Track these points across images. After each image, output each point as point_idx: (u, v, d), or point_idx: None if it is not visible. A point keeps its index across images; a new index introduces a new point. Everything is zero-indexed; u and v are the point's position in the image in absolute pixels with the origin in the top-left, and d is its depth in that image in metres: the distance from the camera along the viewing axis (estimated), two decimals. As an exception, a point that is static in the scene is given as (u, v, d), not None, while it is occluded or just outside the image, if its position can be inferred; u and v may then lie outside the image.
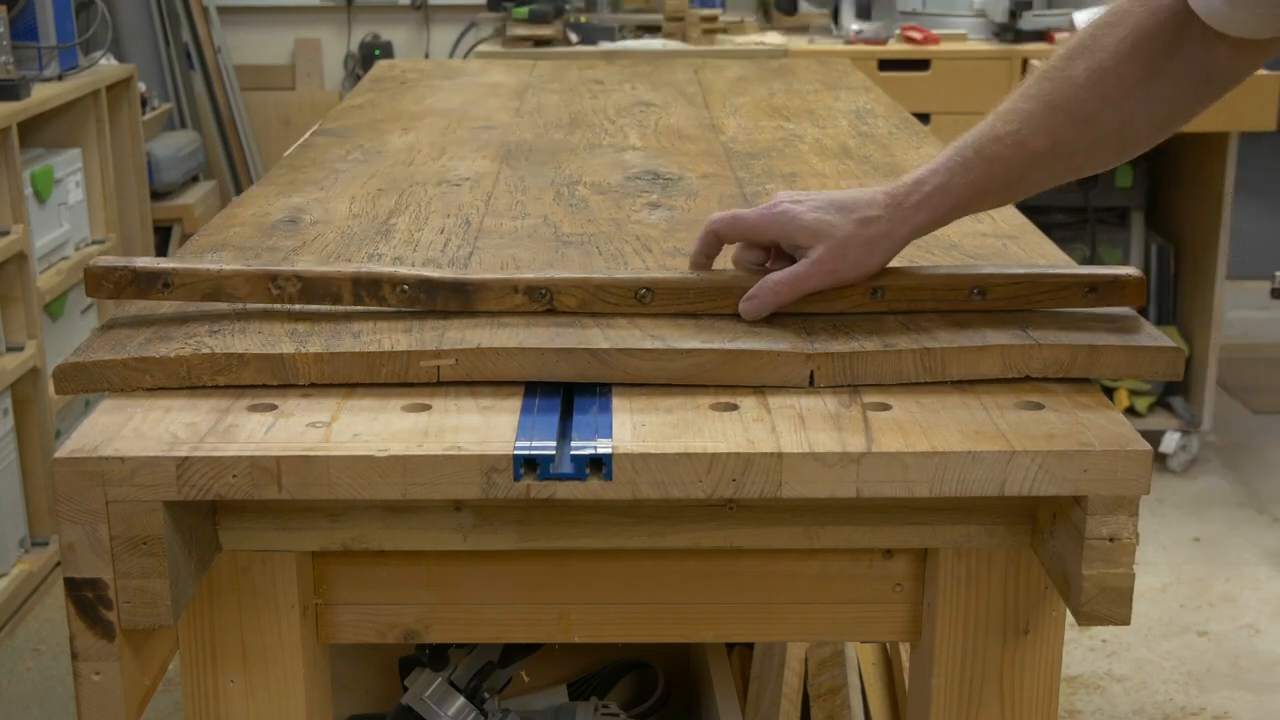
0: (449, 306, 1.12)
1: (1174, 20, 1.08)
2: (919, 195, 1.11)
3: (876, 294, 1.12)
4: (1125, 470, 0.95)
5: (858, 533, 1.05)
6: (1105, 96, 1.10)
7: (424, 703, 1.52)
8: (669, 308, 1.12)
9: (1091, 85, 1.10)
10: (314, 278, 1.12)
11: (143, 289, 1.12)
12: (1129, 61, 1.09)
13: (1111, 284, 1.15)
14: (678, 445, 0.95)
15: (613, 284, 1.12)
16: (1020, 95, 1.12)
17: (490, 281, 1.12)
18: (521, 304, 1.12)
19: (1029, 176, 1.13)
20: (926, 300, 1.13)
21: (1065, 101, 1.10)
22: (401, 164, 1.70)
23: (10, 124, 2.81)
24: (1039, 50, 3.62)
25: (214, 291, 1.12)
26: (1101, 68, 1.09)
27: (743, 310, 1.12)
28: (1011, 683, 1.08)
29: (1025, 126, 1.10)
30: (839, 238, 1.10)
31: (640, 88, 2.30)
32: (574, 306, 1.12)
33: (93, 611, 0.95)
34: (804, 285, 1.11)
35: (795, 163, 1.71)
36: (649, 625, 1.10)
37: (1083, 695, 2.58)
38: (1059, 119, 1.10)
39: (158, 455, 0.93)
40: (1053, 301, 1.14)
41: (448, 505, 1.03)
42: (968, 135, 1.12)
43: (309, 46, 4.70)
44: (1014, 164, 1.11)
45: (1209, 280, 3.46)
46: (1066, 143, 1.11)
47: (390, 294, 1.12)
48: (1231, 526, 3.23)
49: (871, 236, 1.10)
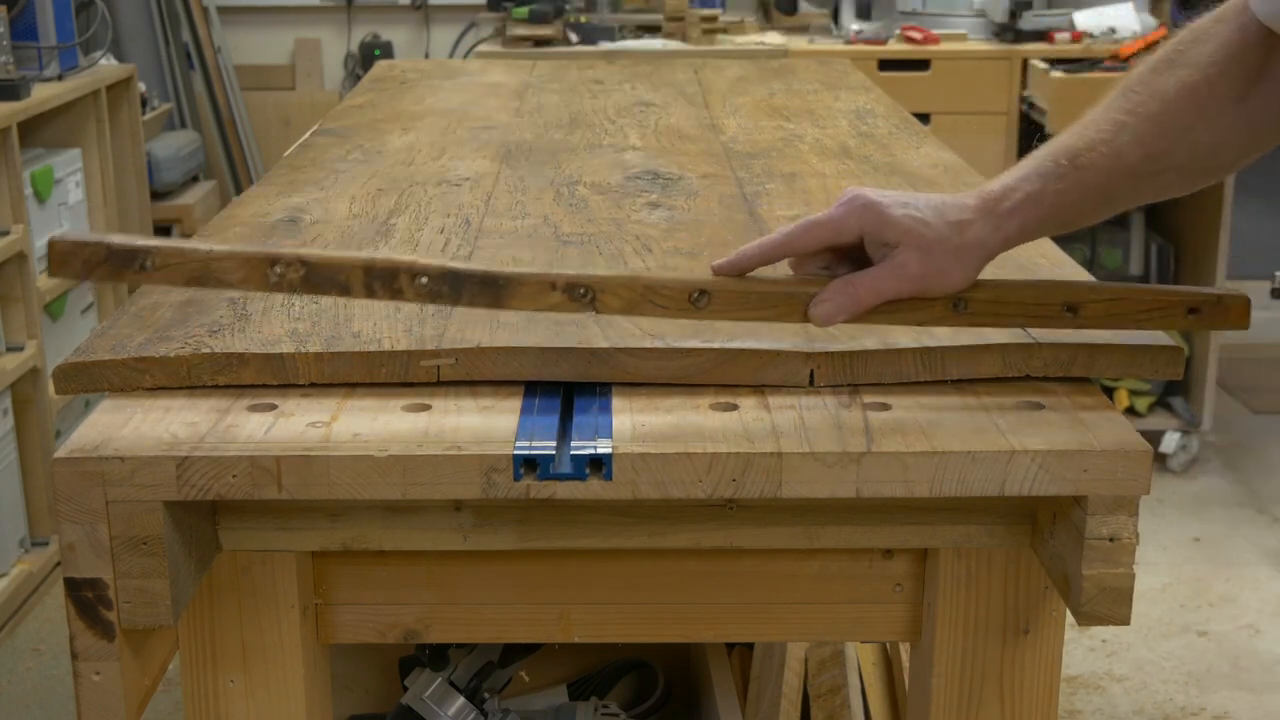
0: (475, 303, 1.00)
1: (1264, 39, 1.03)
2: (1011, 202, 1.03)
3: (959, 306, 1.03)
4: (1125, 470, 0.95)
5: (858, 533, 1.05)
6: (1200, 110, 1.04)
7: (424, 703, 1.52)
8: (727, 314, 1.02)
9: (1183, 98, 1.04)
10: (320, 263, 0.99)
11: (117, 268, 0.97)
12: (1220, 79, 1.04)
13: (1215, 305, 1.07)
14: (678, 445, 0.95)
15: (664, 284, 1.02)
16: (1107, 106, 1.06)
17: (524, 276, 1.01)
18: (560, 302, 1.01)
19: (1118, 190, 1.05)
20: (1015, 315, 1.04)
21: (1158, 113, 1.04)
22: (401, 164, 1.70)
23: (10, 124, 2.81)
24: (1039, 50, 3.62)
25: (202, 275, 0.98)
26: (1192, 81, 1.04)
27: (814, 315, 1.02)
28: (1011, 683, 1.08)
29: (1119, 136, 1.03)
30: (930, 239, 1.01)
31: (640, 88, 2.30)
32: (619, 309, 1.01)
33: (93, 611, 0.95)
34: (887, 291, 1.02)
35: (795, 162, 1.71)
36: (649, 625, 1.10)
37: (1083, 695, 2.58)
38: (1152, 129, 1.03)
39: (158, 455, 0.93)
40: (1150, 322, 1.06)
41: (448, 505, 1.03)
42: (1055, 143, 1.05)
43: (309, 46, 4.70)
44: (1107, 175, 1.03)
45: (1209, 280, 3.46)
46: (1159, 156, 1.04)
47: (408, 286, 0.99)
48: (1231, 526, 3.23)
49: (964, 244, 1.02)
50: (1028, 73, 3.60)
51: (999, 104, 3.62)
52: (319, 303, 1.17)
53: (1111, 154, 1.03)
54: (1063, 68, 3.44)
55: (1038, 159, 1.04)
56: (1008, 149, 3.61)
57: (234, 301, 1.17)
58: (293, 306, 1.16)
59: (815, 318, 1.02)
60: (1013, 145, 3.61)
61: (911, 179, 1.62)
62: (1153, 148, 1.04)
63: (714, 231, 1.40)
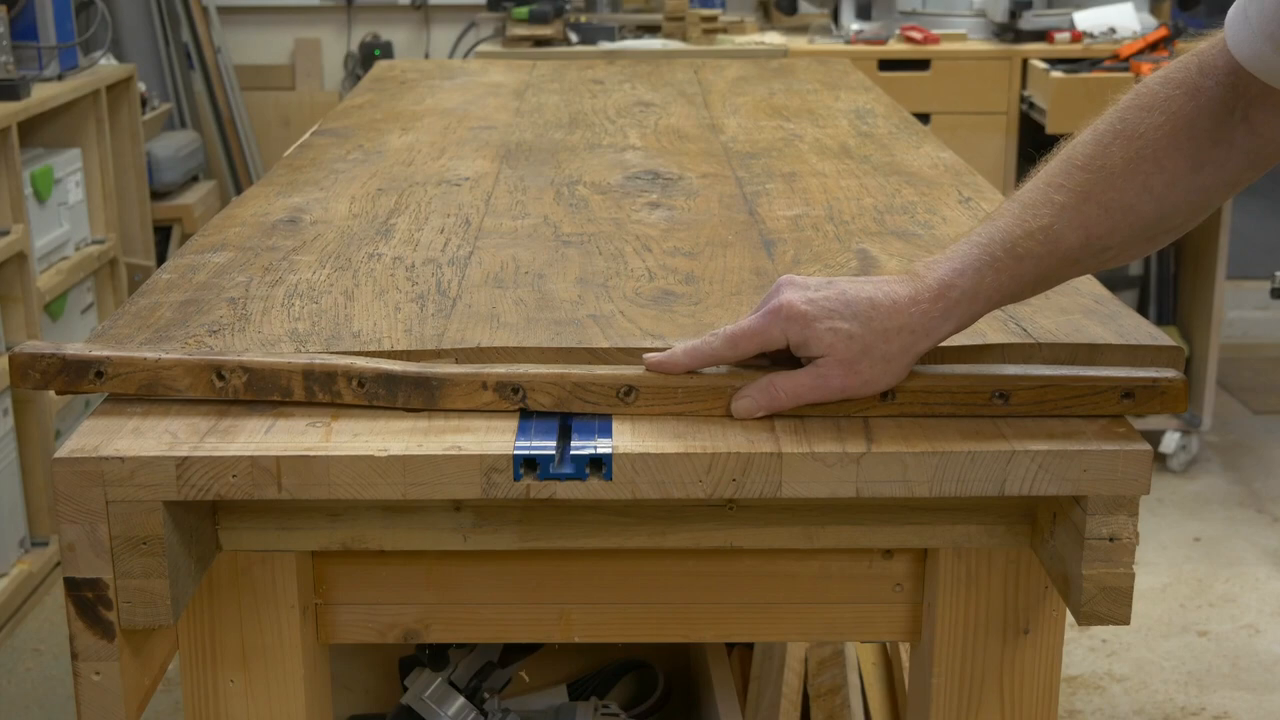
0: (411, 403, 1.02)
1: (1218, 106, 0.99)
2: (946, 303, 0.99)
3: (888, 397, 1.01)
4: (1125, 470, 0.95)
5: (858, 533, 1.05)
6: (1146, 187, 0.99)
7: (424, 703, 1.52)
8: (654, 408, 1.01)
9: (1130, 175, 0.99)
10: (261, 369, 1.02)
11: (72, 380, 1.02)
12: (1171, 153, 0.99)
13: (1150, 389, 1.03)
14: (678, 445, 0.95)
15: (593, 380, 1.02)
16: (1047, 185, 1.01)
17: (456, 376, 1.02)
18: (491, 401, 1.02)
19: (1057, 274, 1.02)
20: (944, 404, 1.02)
21: (1100, 193, 0.99)
22: (401, 164, 1.70)
23: (10, 124, 2.81)
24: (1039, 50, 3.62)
25: (151, 384, 1.02)
26: (1140, 157, 0.99)
27: (735, 409, 1.00)
28: (1011, 683, 1.08)
29: (1058, 221, 0.99)
30: (854, 354, 0.98)
31: (640, 88, 2.30)
32: (549, 405, 1.01)
33: (93, 611, 0.95)
34: (806, 398, 1.00)
35: (795, 162, 1.71)
36: (649, 625, 1.10)
37: (1083, 695, 2.58)
38: (1096, 213, 0.99)
39: (158, 455, 0.93)
40: (1081, 408, 1.02)
41: (448, 505, 1.03)
42: (993, 227, 1.01)
43: (309, 46, 4.70)
44: (1045, 262, 1.00)
45: (1209, 280, 3.46)
46: (1100, 238, 1.00)
47: (346, 389, 1.02)
48: (1231, 526, 3.23)
49: (890, 352, 0.99)
50: (1028, 73, 3.60)
51: (999, 104, 3.62)
52: (319, 303, 1.17)
53: (1049, 241, 0.99)
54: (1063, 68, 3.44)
55: (975, 247, 1.00)
56: (1007, 149, 3.61)
57: (234, 301, 1.17)
58: (293, 306, 1.16)
59: (735, 410, 1.01)
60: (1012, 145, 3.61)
61: (911, 179, 1.62)
62: (1095, 230, 1.00)
63: (714, 231, 1.40)
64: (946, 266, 1.00)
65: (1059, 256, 1.00)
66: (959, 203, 1.50)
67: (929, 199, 1.51)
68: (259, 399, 1.02)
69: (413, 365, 1.03)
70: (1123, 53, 3.48)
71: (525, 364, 1.05)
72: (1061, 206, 1.00)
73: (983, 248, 1.00)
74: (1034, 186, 1.02)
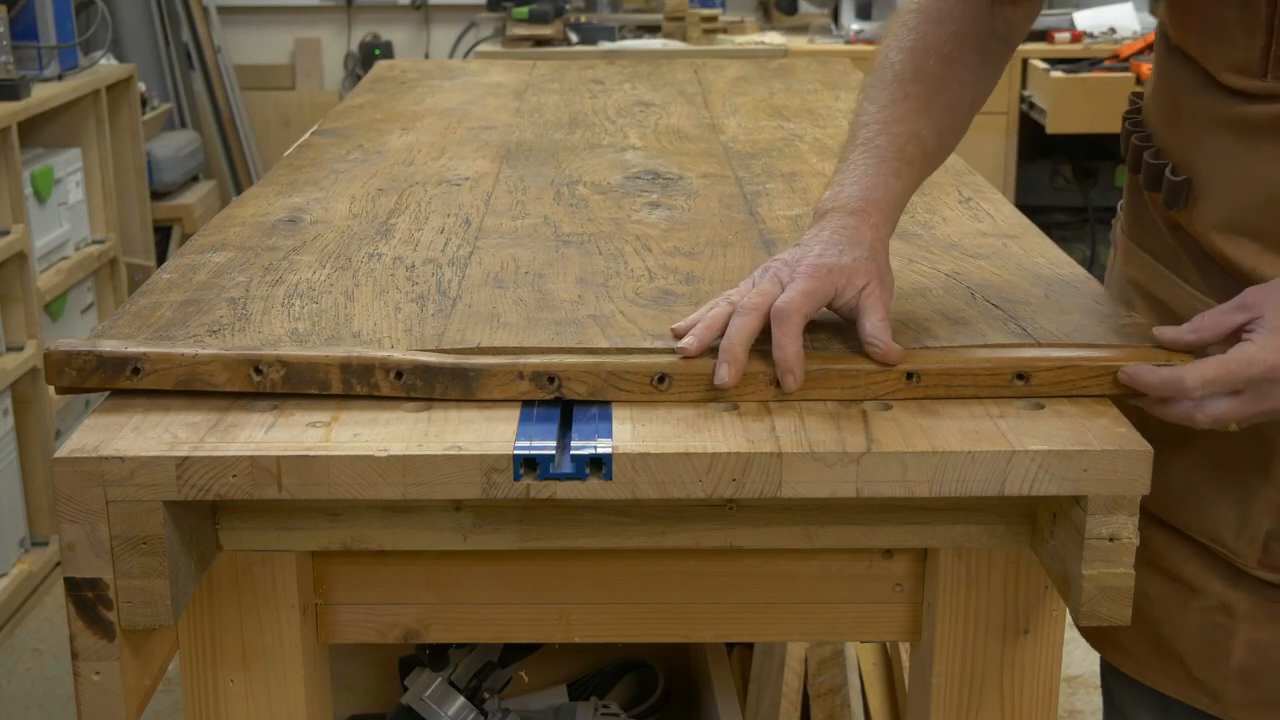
0: (448, 394, 1.03)
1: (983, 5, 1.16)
2: (879, 215, 1.09)
3: (912, 379, 1.03)
4: (1125, 470, 0.95)
5: (857, 532, 1.05)
6: (962, 84, 1.16)
7: (424, 703, 1.52)
8: (689, 395, 1.03)
9: (948, 78, 1.15)
10: (299, 363, 1.03)
11: (109, 377, 1.02)
12: (968, 52, 1.16)
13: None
14: (678, 445, 0.95)
15: (627, 369, 1.03)
16: (891, 100, 1.14)
17: (493, 367, 1.03)
18: (527, 391, 1.03)
19: (925, 175, 1.15)
20: (966, 386, 1.04)
21: (937, 95, 1.14)
22: (401, 164, 1.70)
23: (10, 124, 2.81)
24: (1039, 50, 3.62)
25: (188, 379, 1.02)
26: (949, 60, 1.15)
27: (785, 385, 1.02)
28: (1011, 683, 1.08)
29: (922, 126, 1.13)
30: (881, 267, 1.07)
31: (640, 88, 2.30)
32: (584, 394, 1.03)
33: (93, 611, 0.95)
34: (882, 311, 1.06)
35: (795, 162, 1.71)
36: (649, 625, 1.10)
37: (1083, 695, 2.58)
38: (938, 114, 1.14)
39: (158, 455, 0.93)
40: (1101, 387, 1.04)
41: (448, 505, 1.03)
42: (877, 141, 1.12)
43: (309, 46, 4.70)
44: (923, 164, 1.14)
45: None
46: (945, 134, 1.15)
47: (384, 381, 1.03)
48: (1231, 526, 3.22)
49: (882, 266, 1.07)
50: (1027, 72, 3.60)
51: (999, 104, 3.62)
52: (319, 302, 1.17)
53: (920, 144, 1.13)
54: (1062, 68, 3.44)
55: (873, 161, 1.11)
56: (1007, 149, 3.61)
57: (234, 301, 1.17)
58: (293, 306, 1.16)
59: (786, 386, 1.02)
60: (1012, 145, 3.61)
61: (911, 179, 1.62)
62: (942, 127, 1.15)
63: (714, 231, 1.40)
64: (854, 183, 1.10)
65: (927, 157, 1.14)
66: (959, 203, 1.50)
67: (929, 199, 1.50)
68: (295, 392, 1.03)
69: (449, 356, 1.04)
70: (1122, 53, 3.48)
71: (560, 354, 1.06)
72: (917, 112, 1.13)
73: (877, 159, 1.11)
74: (880, 104, 1.14)
